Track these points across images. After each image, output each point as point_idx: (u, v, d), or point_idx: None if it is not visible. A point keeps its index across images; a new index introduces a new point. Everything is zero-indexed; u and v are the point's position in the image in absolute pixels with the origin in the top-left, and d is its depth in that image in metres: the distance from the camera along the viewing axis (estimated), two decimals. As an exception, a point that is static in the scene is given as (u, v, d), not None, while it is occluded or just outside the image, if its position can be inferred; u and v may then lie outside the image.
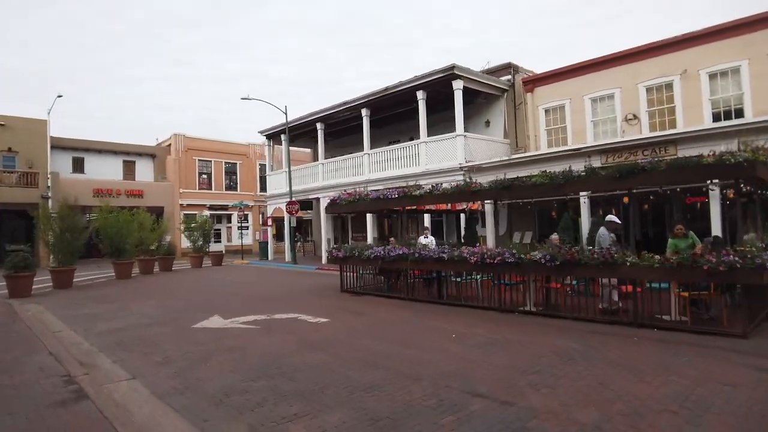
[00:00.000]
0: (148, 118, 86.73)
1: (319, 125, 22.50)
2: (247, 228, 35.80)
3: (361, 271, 12.12)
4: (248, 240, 34.99)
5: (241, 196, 35.73)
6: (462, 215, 16.92)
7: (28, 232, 27.97)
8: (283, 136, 24.80)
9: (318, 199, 22.51)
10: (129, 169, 32.60)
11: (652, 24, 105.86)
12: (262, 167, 38.18)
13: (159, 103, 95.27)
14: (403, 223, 14.28)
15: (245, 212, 27.43)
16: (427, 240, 12.52)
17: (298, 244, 24.19)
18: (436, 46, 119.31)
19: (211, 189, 34.66)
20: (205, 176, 34.53)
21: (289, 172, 22.88)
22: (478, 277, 10.24)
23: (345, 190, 12.63)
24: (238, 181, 36.39)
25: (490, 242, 15.94)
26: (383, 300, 10.69)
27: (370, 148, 20.22)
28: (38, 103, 77.83)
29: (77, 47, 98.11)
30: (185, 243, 27.00)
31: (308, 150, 30.12)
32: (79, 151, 30.87)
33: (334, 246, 12.14)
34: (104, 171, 31.00)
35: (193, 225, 22.93)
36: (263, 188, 38.27)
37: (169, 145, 33.99)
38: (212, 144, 35.10)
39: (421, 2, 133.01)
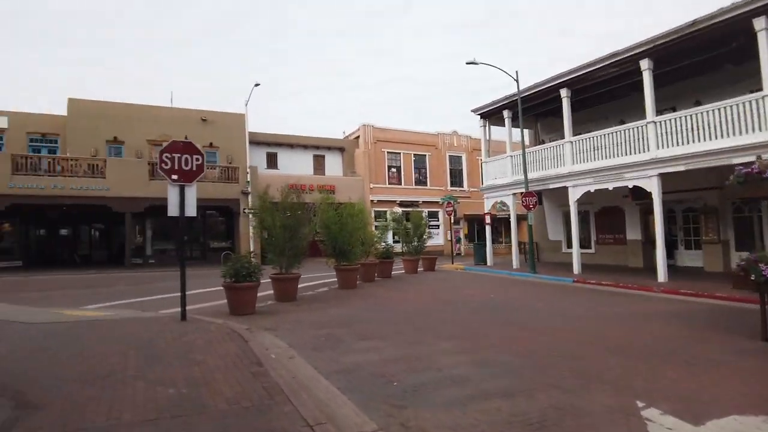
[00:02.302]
0: (307, 125, 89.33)
1: (563, 92, 17.05)
2: (438, 227, 31.84)
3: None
4: (440, 240, 30.97)
5: (431, 192, 31.90)
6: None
7: (228, 228, 27.30)
8: (505, 113, 19.97)
9: (565, 189, 17.00)
10: (319, 164, 30.73)
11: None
12: (452, 159, 33.94)
13: (314, 110, 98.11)
14: None
15: (454, 208, 23.10)
16: None
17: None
18: (591, 32, 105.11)
19: (400, 183, 31.31)
20: (394, 170, 31.31)
21: (524, 155, 17.81)
22: None
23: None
24: (428, 175, 32.53)
25: None
26: None
27: (628, 122, 14.20)
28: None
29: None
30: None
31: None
32: (272, 146, 29.73)
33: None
34: (295, 165, 29.43)
35: (408, 223, 19.26)
36: (454, 182, 34.06)
37: (357, 137, 31.50)
38: (400, 134, 31.80)
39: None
